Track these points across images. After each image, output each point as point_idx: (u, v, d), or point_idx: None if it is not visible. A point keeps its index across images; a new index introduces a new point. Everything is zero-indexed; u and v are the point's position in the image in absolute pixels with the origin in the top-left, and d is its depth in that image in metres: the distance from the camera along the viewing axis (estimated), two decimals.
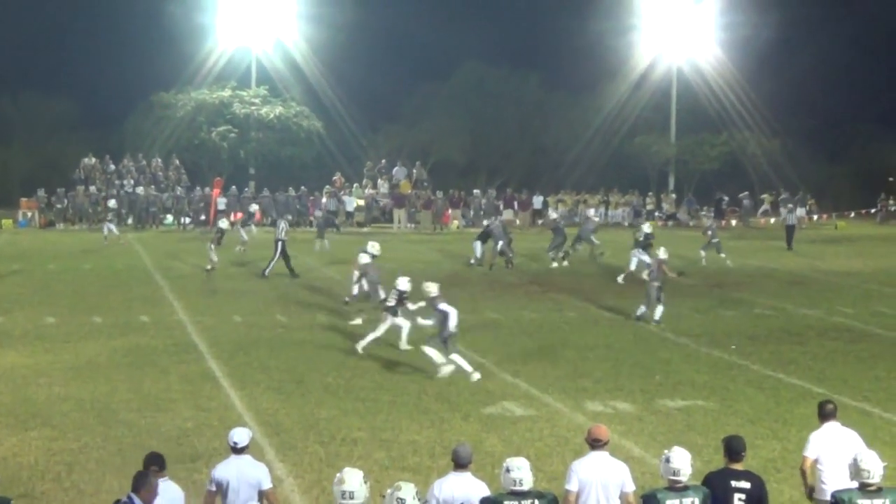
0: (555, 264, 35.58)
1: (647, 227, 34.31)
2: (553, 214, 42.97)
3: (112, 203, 45.75)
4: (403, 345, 21.21)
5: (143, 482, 9.34)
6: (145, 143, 56.63)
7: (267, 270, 31.87)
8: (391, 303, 21.14)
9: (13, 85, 65.27)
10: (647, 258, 30.66)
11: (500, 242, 35.04)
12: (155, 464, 10.02)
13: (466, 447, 9.93)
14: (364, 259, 24.83)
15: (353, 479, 8.80)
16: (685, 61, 64.31)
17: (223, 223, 34.68)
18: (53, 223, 48.58)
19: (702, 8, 62.07)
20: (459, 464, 9.76)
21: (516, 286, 31.44)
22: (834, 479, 10.94)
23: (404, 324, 21.16)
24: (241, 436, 10.45)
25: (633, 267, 32.02)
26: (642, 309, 24.97)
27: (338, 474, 8.92)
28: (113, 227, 42.18)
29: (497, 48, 71.51)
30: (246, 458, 10.39)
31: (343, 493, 8.72)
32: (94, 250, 38.80)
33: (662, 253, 25.47)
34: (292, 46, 59.95)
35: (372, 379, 18.82)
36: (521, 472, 9.28)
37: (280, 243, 32.12)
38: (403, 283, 21.08)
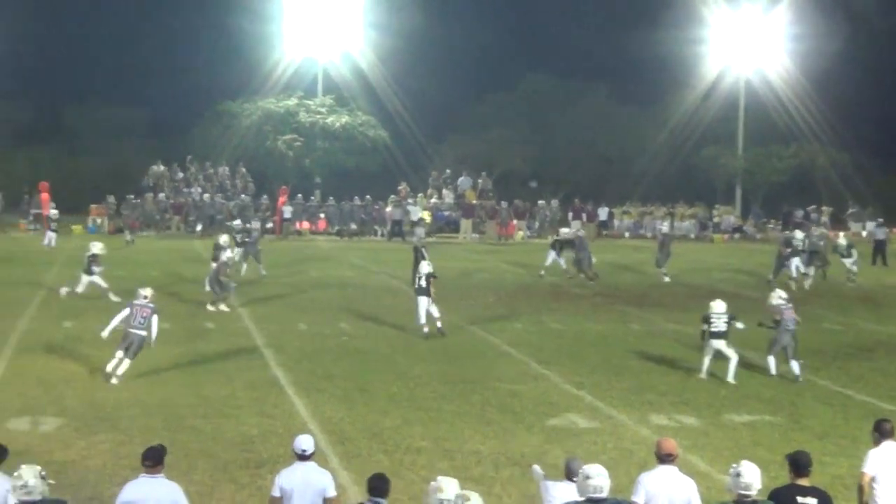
0: (667, 279, 35.36)
1: (800, 234, 35.76)
2: (664, 229, 43.01)
3: (54, 213, 44.01)
4: (731, 378, 20.01)
5: (381, 485, 9.64)
6: (213, 152, 57.19)
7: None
8: (704, 327, 20.31)
9: (84, 94, 66.61)
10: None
11: (589, 255, 35.32)
12: (149, 459, 9.97)
13: (577, 461, 10.15)
14: None
15: (450, 488, 8.95)
16: (754, 72, 63.67)
17: (223, 239, 29.75)
18: (122, 230, 49.05)
19: (771, 18, 61.46)
20: (570, 478, 10.02)
21: (581, 297, 31.31)
22: (889, 499, 10.76)
23: (732, 355, 20.18)
24: (307, 443, 10.54)
25: (804, 270, 34.70)
26: (796, 366, 20.43)
27: (433, 483, 9.12)
28: (54, 237, 41.45)
29: (564, 59, 71.46)
30: (311, 465, 10.48)
31: (441, 501, 8.87)
32: (162, 258, 39.25)
33: (777, 298, 20.99)
34: (359, 56, 60.34)
35: (435, 389, 18.84)
36: (600, 479, 9.31)
37: (418, 250, 31.89)
38: (719, 306, 20.20)
